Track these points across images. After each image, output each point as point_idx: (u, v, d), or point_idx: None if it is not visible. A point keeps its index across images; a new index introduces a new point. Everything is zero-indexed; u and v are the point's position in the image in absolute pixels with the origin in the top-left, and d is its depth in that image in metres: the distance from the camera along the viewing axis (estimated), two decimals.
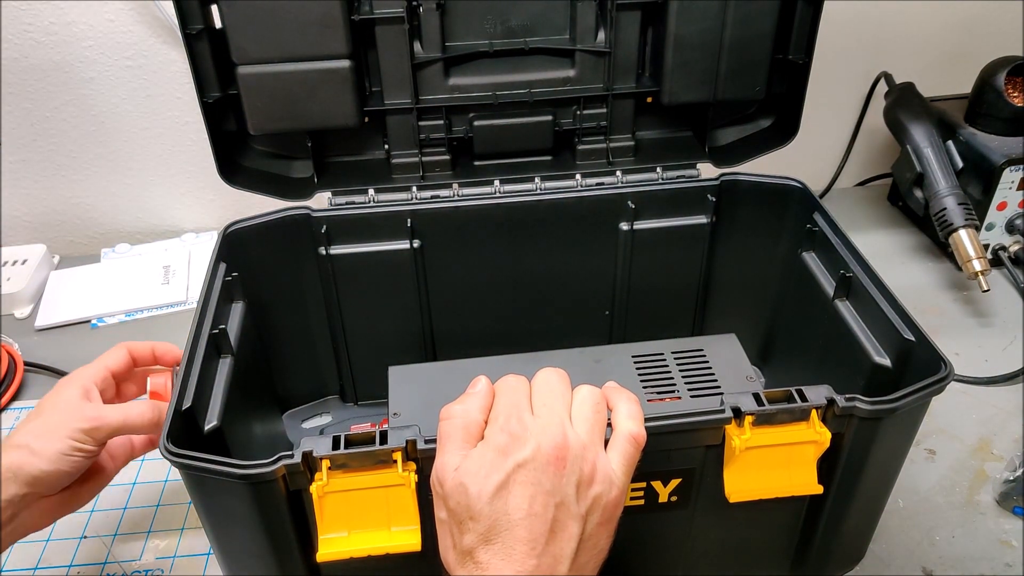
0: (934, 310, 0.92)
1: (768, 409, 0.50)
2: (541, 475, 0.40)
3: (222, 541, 0.56)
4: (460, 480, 0.41)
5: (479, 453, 0.41)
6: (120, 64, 0.97)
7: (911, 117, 0.94)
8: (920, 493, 0.71)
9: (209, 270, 0.66)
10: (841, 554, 0.63)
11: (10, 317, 0.96)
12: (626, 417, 0.45)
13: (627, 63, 0.75)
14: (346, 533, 0.48)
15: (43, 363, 0.88)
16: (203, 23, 0.68)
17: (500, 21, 0.73)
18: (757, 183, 0.75)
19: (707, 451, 0.52)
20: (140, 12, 0.94)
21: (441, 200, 0.74)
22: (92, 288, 0.99)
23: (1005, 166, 0.90)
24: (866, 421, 0.51)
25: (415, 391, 0.67)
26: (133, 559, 0.69)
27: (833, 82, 1.04)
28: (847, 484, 0.55)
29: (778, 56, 0.75)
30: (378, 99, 0.74)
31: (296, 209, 0.72)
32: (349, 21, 0.69)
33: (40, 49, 0.95)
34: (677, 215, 0.76)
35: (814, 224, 0.71)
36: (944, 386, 0.52)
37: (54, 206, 1.07)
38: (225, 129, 0.74)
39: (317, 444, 0.47)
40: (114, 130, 1.02)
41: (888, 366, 0.60)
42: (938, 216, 0.89)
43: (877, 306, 0.61)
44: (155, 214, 1.10)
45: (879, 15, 1.02)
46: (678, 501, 0.55)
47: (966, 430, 0.77)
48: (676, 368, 0.69)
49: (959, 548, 0.67)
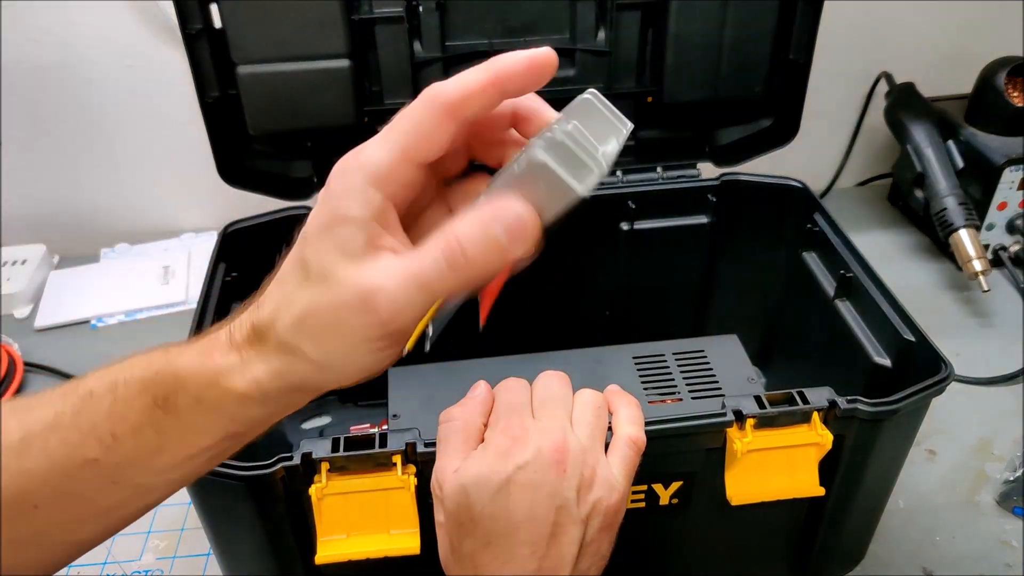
0: (934, 310, 0.92)
1: (769, 412, 0.50)
2: (542, 478, 0.40)
3: (222, 542, 0.56)
4: (460, 483, 0.40)
5: (479, 456, 0.41)
6: (120, 64, 0.97)
7: (911, 117, 0.94)
8: (920, 493, 0.71)
9: (209, 270, 0.66)
10: (841, 555, 0.63)
11: (10, 317, 0.95)
12: (627, 421, 0.45)
13: (627, 63, 0.75)
14: (345, 536, 0.48)
15: (43, 363, 0.88)
16: (203, 23, 0.68)
17: (500, 20, 0.73)
18: (757, 183, 0.75)
19: (708, 454, 0.52)
20: (140, 12, 0.94)
21: None
22: (92, 288, 0.99)
23: (1005, 166, 0.89)
24: (867, 423, 0.51)
25: (415, 393, 0.67)
26: (133, 559, 0.69)
27: (833, 82, 1.04)
28: (848, 485, 0.55)
29: (778, 56, 0.75)
30: (378, 99, 0.74)
31: (296, 209, 0.72)
32: (349, 21, 0.69)
33: (40, 49, 0.95)
34: (677, 215, 0.76)
35: (814, 224, 0.71)
36: (944, 386, 0.52)
37: (54, 206, 1.07)
38: (225, 129, 0.74)
39: (316, 446, 0.47)
40: (114, 130, 1.02)
41: (888, 366, 0.60)
42: (938, 216, 0.89)
43: (877, 306, 0.61)
44: (155, 214, 1.10)
45: (879, 15, 1.02)
46: (679, 504, 0.55)
47: (966, 430, 0.77)
48: (677, 369, 0.69)
49: (959, 548, 0.67)
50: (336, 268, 0.32)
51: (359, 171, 0.32)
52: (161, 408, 0.34)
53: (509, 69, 0.32)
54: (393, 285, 0.31)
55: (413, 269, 0.32)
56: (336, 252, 0.32)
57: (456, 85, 0.32)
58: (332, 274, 0.32)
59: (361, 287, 0.31)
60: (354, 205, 0.32)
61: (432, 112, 0.32)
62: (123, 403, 0.34)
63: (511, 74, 0.33)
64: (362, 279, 0.31)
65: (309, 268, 0.32)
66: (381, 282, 0.31)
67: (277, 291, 0.34)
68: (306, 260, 0.33)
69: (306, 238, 0.33)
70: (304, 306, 0.32)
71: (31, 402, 0.36)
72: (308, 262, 0.32)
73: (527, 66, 0.33)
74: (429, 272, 0.31)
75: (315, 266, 0.32)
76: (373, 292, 0.31)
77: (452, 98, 0.32)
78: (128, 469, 0.35)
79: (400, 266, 0.32)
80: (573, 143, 0.32)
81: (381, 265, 0.32)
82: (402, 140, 0.32)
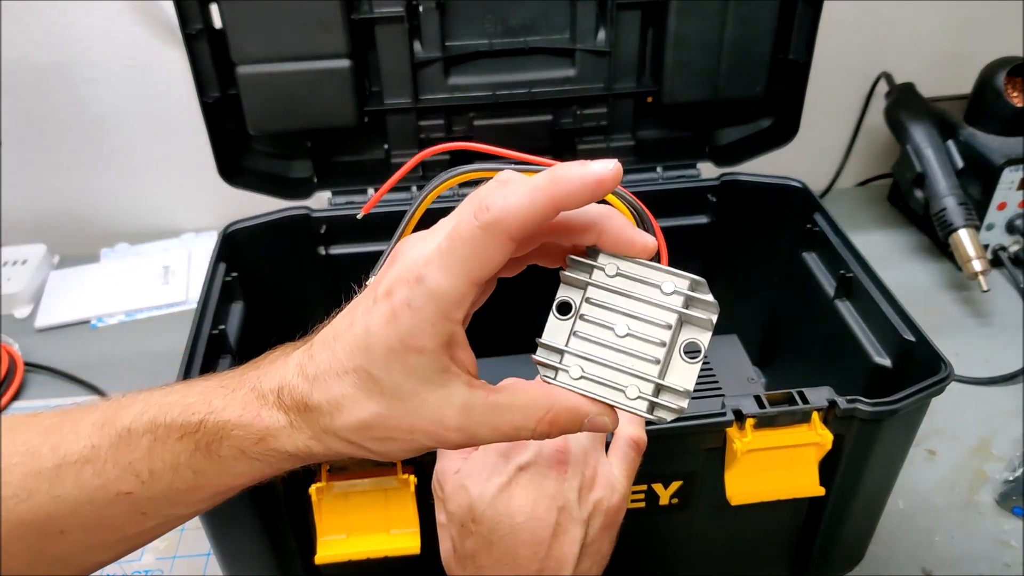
0: (934, 310, 0.92)
1: (769, 412, 0.50)
2: (543, 479, 0.40)
3: (222, 542, 0.56)
4: (461, 483, 0.41)
5: (480, 456, 0.41)
6: (120, 64, 0.97)
7: (911, 117, 0.94)
8: (920, 493, 0.71)
9: (209, 270, 0.66)
10: (841, 555, 0.63)
11: (10, 317, 0.95)
12: (627, 421, 0.45)
13: (627, 63, 0.75)
14: (345, 536, 0.48)
15: (43, 363, 0.88)
16: (203, 23, 0.68)
17: (500, 20, 0.73)
18: (757, 183, 0.75)
19: (708, 454, 0.52)
20: (140, 12, 0.94)
21: (441, 200, 0.73)
22: (92, 288, 0.99)
23: (1005, 166, 0.89)
24: (867, 423, 0.51)
25: None
26: (133, 559, 0.69)
27: (833, 82, 1.04)
28: (847, 485, 0.55)
29: (778, 56, 0.75)
30: (378, 99, 0.74)
31: (296, 209, 0.72)
32: (349, 21, 0.69)
33: (40, 49, 0.95)
34: (677, 215, 0.76)
35: (814, 224, 0.71)
36: (944, 386, 0.52)
37: (54, 206, 1.07)
38: (225, 129, 0.74)
39: None
40: (114, 130, 1.02)
41: (888, 366, 0.60)
42: (938, 216, 0.89)
43: (877, 306, 0.61)
44: (155, 214, 1.10)
45: (879, 15, 1.02)
46: (679, 504, 0.55)
47: (966, 430, 0.77)
48: None
49: (959, 548, 0.67)
50: (412, 391, 0.33)
51: (430, 303, 0.32)
52: (203, 452, 0.35)
53: (571, 187, 0.31)
54: (466, 419, 0.34)
55: (482, 406, 0.34)
56: (410, 377, 0.33)
57: (517, 210, 0.31)
58: (408, 395, 0.33)
59: (436, 420, 0.33)
60: (426, 337, 0.32)
61: (492, 238, 0.31)
62: (162, 444, 0.35)
63: (573, 193, 0.31)
64: (437, 412, 0.33)
65: (379, 383, 0.33)
66: (454, 420, 0.33)
67: (336, 385, 0.34)
68: (375, 376, 0.33)
69: (372, 353, 0.33)
70: (372, 415, 0.33)
71: (62, 425, 0.36)
72: (378, 378, 0.33)
73: (594, 185, 0.32)
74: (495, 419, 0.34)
75: (387, 383, 0.33)
76: (446, 427, 0.34)
77: (513, 226, 0.31)
78: (160, 502, 0.36)
79: (472, 406, 0.34)
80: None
81: (455, 399, 0.33)
82: (464, 266, 0.32)
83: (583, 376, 0.34)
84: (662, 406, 0.34)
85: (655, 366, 0.34)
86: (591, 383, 0.34)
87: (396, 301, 0.32)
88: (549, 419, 0.34)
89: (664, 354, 0.34)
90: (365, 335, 0.33)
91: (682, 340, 0.34)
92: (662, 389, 0.34)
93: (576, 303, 0.35)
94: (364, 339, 0.33)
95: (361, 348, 0.33)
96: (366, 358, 0.33)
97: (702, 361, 0.34)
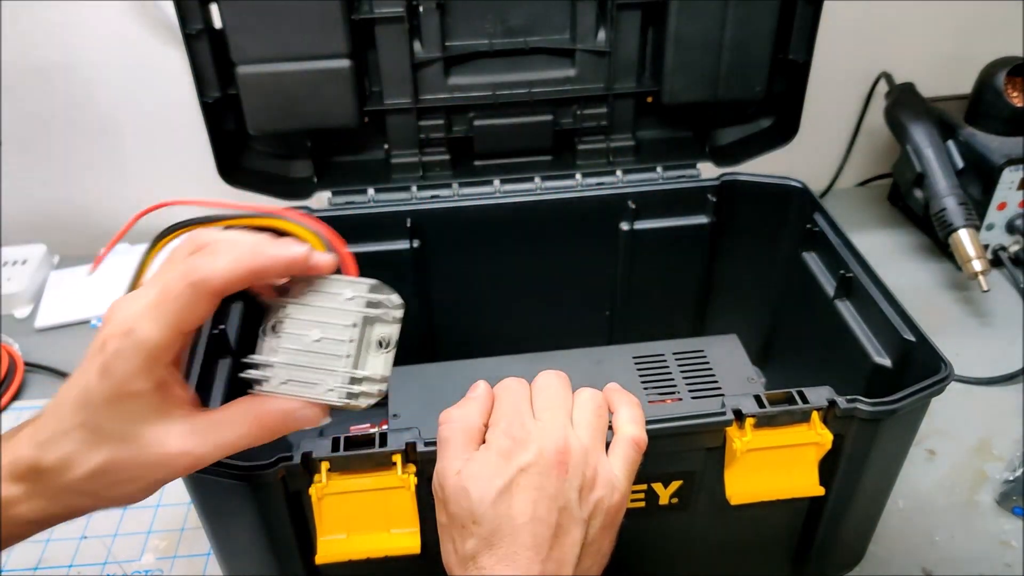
0: (934, 310, 0.92)
1: (769, 411, 0.50)
2: (544, 479, 0.40)
3: (222, 541, 0.56)
4: (462, 484, 0.40)
5: (481, 457, 0.41)
6: (120, 64, 0.97)
7: (911, 117, 0.94)
8: (920, 493, 0.71)
9: None
10: (841, 555, 0.63)
11: (10, 317, 0.95)
12: (627, 421, 0.45)
13: (627, 63, 0.75)
14: (345, 535, 0.48)
15: (43, 363, 0.88)
16: (203, 23, 0.68)
17: (500, 20, 0.73)
18: (757, 183, 0.75)
19: (708, 453, 0.52)
20: (140, 12, 0.94)
21: (441, 200, 0.74)
22: (92, 288, 0.98)
23: (1005, 166, 0.89)
24: (867, 422, 0.51)
25: (415, 392, 0.67)
26: (133, 559, 0.69)
27: (833, 82, 1.04)
28: (847, 485, 0.55)
29: (778, 56, 0.75)
30: (378, 99, 0.74)
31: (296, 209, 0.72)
32: (349, 21, 0.69)
33: (40, 49, 0.95)
34: (677, 215, 0.76)
35: (814, 224, 0.71)
36: (944, 386, 0.52)
37: (54, 206, 1.07)
38: (225, 129, 0.74)
39: (316, 445, 0.47)
40: (114, 130, 1.02)
41: (888, 366, 0.60)
42: (938, 216, 0.89)
43: (877, 306, 0.61)
44: (155, 214, 1.09)
45: (879, 15, 1.02)
46: (678, 503, 0.55)
47: (966, 430, 0.77)
48: (677, 369, 0.69)
49: (959, 548, 0.67)
50: (135, 433, 0.38)
51: (137, 353, 0.37)
52: None
53: (267, 263, 0.39)
54: (190, 443, 0.39)
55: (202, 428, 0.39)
56: (130, 420, 0.38)
57: (222, 275, 0.37)
58: (131, 437, 0.38)
59: (161, 452, 0.38)
60: (139, 382, 0.37)
61: (198, 296, 0.37)
62: None
63: (269, 268, 0.39)
64: (160, 445, 0.38)
65: (103, 432, 0.37)
66: (177, 446, 0.38)
67: (65, 443, 0.37)
68: (98, 426, 0.37)
69: (92, 406, 0.37)
70: (104, 461, 0.37)
71: None
72: (102, 428, 0.37)
73: (286, 266, 0.39)
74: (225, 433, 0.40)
75: (110, 431, 0.37)
76: (171, 455, 0.38)
77: (216, 287, 0.37)
78: None
79: (192, 430, 0.39)
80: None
81: (175, 430, 0.39)
82: (172, 319, 0.37)
83: (289, 381, 0.41)
84: (362, 394, 0.41)
85: (347, 360, 0.41)
86: (293, 385, 0.41)
87: (108, 354, 0.37)
88: (259, 423, 0.40)
89: (355, 350, 0.41)
90: (84, 392, 0.37)
91: (375, 336, 0.42)
92: (360, 380, 0.41)
93: (280, 323, 0.41)
94: (84, 396, 0.37)
95: (82, 405, 0.37)
96: (88, 413, 0.37)
97: (394, 350, 0.42)
